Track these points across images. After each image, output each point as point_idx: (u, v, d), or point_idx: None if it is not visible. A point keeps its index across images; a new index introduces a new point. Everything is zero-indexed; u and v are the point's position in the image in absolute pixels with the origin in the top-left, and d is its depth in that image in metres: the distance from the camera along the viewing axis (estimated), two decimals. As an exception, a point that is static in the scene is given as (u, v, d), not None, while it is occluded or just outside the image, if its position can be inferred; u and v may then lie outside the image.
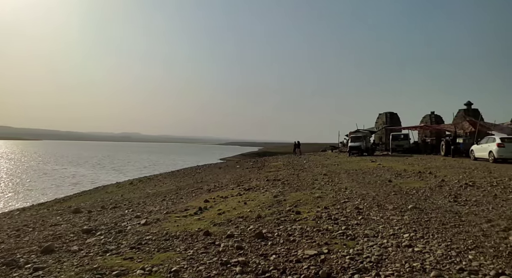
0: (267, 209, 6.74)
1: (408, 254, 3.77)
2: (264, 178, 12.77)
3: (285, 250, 4.08)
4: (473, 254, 3.71)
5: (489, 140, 17.87)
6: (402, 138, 29.87)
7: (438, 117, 33.63)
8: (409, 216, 5.63)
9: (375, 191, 8.42)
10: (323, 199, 7.61)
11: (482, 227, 4.83)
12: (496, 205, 6.40)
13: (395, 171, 13.04)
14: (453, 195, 7.52)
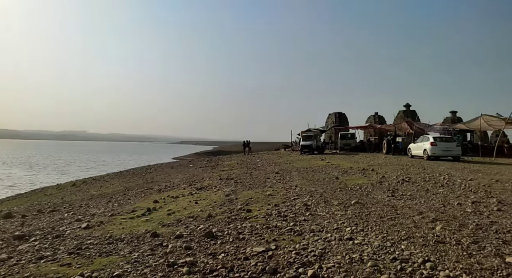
0: (218, 208, 6.73)
1: (349, 247, 4.01)
2: (217, 177, 12.73)
3: (234, 248, 4.11)
4: (405, 244, 4.05)
5: (423, 139, 19.60)
6: (349, 137, 31.64)
7: (381, 117, 36.18)
8: (352, 211, 5.98)
9: (323, 188, 8.81)
10: (274, 197, 7.79)
11: (414, 219, 5.29)
12: (427, 198, 7.04)
13: (342, 169, 13.75)
14: (391, 190, 8.13)
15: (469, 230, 4.57)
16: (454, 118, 32.76)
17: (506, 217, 5.26)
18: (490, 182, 9.24)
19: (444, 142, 18.20)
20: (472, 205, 6.22)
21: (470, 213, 5.59)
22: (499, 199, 6.72)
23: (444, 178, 10.24)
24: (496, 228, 4.67)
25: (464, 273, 3.11)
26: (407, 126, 27.74)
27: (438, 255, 3.63)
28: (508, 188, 8.20)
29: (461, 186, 8.67)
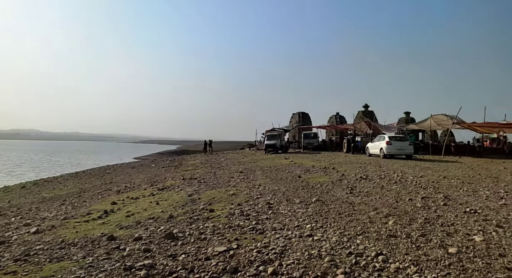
0: (180, 209, 6.61)
1: (308, 243, 4.13)
2: (180, 177, 12.49)
3: (195, 249, 4.06)
4: (360, 239, 4.25)
5: (380, 138, 20.64)
6: (312, 137, 32.48)
7: (342, 117, 37.58)
8: (312, 208, 6.16)
9: (286, 187, 8.97)
10: (237, 196, 7.80)
11: (370, 214, 5.56)
12: (382, 195, 7.43)
13: (305, 167, 14.09)
14: (350, 187, 8.48)
15: (418, 224, 4.89)
16: (408, 118, 34.87)
17: (451, 211, 5.71)
18: (438, 179, 9.95)
19: (398, 141, 19.28)
20: (421, 200, 6.66)
21: (420, 208, 5.99)
22: (445, 194, 7.27)
23: (397, 175, 10.86)
24: (441, 221, 5.04)
25: (412, 264, 3.33)
26: (366, 126, 29.08)
27: (390, 248, 3.85)
28: (453, 184, 8.89)
29: (413, 182, 9.25)
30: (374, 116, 32.74)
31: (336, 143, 31.74)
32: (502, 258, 3.45)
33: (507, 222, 4.96)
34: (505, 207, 6.01)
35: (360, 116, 33.60)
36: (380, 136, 21.18)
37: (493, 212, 5.62)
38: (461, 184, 8.82)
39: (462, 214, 5.51)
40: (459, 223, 4.90)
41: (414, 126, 27.10)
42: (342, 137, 32.12)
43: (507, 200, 6.66)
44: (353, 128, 30.46)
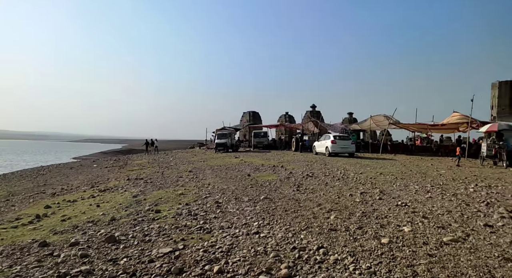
0: (123, 210, 6.30)
1: (255, 240, 4.21)
2: (125, 177, 11.90)
3: (138, 252, 3.91)
4: (304, 233, 4.44)
5: (326, 137, 21.70)
6: (262, 135, 33.00)
7: (291, 117, 38.73)
8: (260, 206, 6.27)
9: (235, 185, 9.01)
10: (186, 196, 7.65)
11: (314, 210, 5.83)
12: (326, 191, 7.83)
13: (254, 166, 14.29)
14: (297, 185, 8.79)
15: (356, 218, 5.25)
16: (351, 119, 37.10)
17: (385, 205, 6.21)
18: (375, 175, 10.75)
19: (342, 140, 20.43)
20: (360, 196, 7.15)
21: (359, 203, 6.42)
22: (381, 189, 7.89)
23: (340, 172, 11.52)
24: (376, 214, 5.47)
25: (349, 255, 3.57)
26: (313, 125, 30.34)
27: (330, 241, 4.08)
28: (388, 180, 9.67)
29: (354, 179, 9.88)
30: (320, 116, 34.27)
31: (285, 142, 32.64)
32: (425, 246, 3.85)
33: (431, 213, 5.54)
34: (430, 200, 6.70)
35: (308, 116, 34.97)
36: (326, 135, 22.26)
37: (420, 204, 6.24)
38: (395, 180, 9.63)
39: (395, 207, 6.03)
40: (392, 216, 5.36)
41: (356, 126, 28.95)
42: (291, 136, 33.12)
43: (433, 193, 7.43)
44: (301, 127, 31.58)
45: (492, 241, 4.02)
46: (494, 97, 36.74)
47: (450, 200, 6.61)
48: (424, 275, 3.04)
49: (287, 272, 3.15)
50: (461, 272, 3.09)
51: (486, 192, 7.53)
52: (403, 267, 3.24)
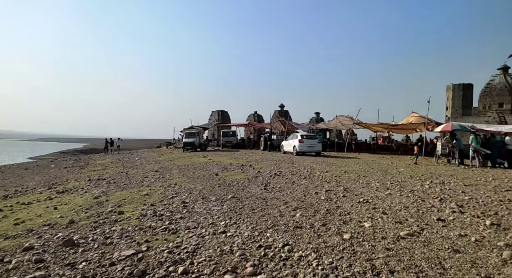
0: (83, 212, 6.02)
1: (221, 240, 4.20)
2: (86, 178, 11.36)
3: (98, 255, 3.75)
4: (270, 231, 4.50)
5: (293, 136, 22.08)
6: (231, 135, 32.91)
7: (260, 116, 38.99)
8: (227, 205, 6.27)
9: (203, 185, 8.92)
10: (151, 196, 7.46)
11: (280, 208, 5.92)
12: (293, 189, 7.97)
13: (223, 165, 14.23)
14: (264, 183, 8.88)
15: (321, 215, 5.40)
16: (318, 118, 38.04)
17: (348, 202, 6.45)
18: (340, 173, 11.11)
19: (309, 139, 20.89)
20: (325, 193, 7.36)
21: (323, 200, 6.61)
22: (345, 187, 8.17)
23: (307, 171, 11.78)
24: (340, 211, 5.66)
25: (313, 251, 3.67)
26: (281, 125, 30.73)
27: (295, 238, 4.17)
28: (352, 177, 10.03)
29: (319, 177, 10.15)
30: (288, 115, 34.82)
31: (254, 141, 32.81)
32: (384, 240, 4.05)
33: (390, 209, 5.83)
34: (390, 196, 7.04)
35: (276, 115, 35.39)
36: (294, 134, 22.65)
37: (380, 201, 6.54)
38: (358, 178, 10.02)
39: (357, 204, 6.28)
40: (354, 212, 5.58)
41: (323, 126, 29.73)
42: (260, 135, 33.34)
43: (392, 190, 7.81)
44: (269, 127, 31.89)
45: (444, 234, 4.32)
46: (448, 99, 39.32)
47: (408, 196, 6.99)
48: (382, 268, 3.20)
49: (252, 270, 3.18)
50: (415, 264, 3.29)
51: (440, 188, 8.05)
52: (363, 261, 3.38)
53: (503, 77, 30.99)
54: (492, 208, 5.91)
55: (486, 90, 31.86)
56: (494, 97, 30.93)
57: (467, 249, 3.76)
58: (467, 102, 37.76)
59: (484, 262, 3.35)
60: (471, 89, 37.82)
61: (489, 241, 4.06)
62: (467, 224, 4.83)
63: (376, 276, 3.03)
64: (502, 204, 6.25)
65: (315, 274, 3.08)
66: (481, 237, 4.22)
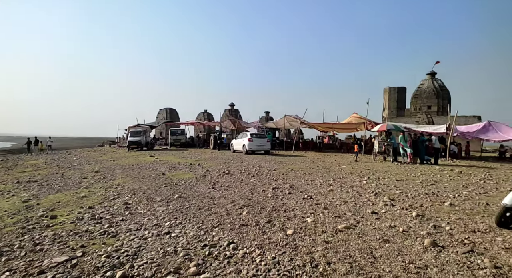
0: (9, 218, 5.43)
1: (165, 241, 4.09)
2: (14, 180, 10.26)
3: (25, 263, 3.43)
4: (216, 230, 4.49)
5: (243, 135, 22.26)
6: (179, 133, 32.12)
7: (210, 115, 38.62)
8: (173, 206, 6.12)
9: (148, 185, 8.59)
10: (89, 198, 6.99)
11: (227, 207, 5.94)
12: (241, 188, 8.04)
13: (170, 164, 13.84)
14: (213, 182, 8.83)
15: (267, 212, 5.53)
16: (267, 117, 38.78)
17: (293, 199, 6.68)
18: (287, 171, 11.47)
19: (258, 138, 21.23)
20: (272, 191, 7.55)
21: (270, 198, 6.77)
22: (291, 184, 8.45)
23: (256, 169, 11.96)
24: (285, 208, 5.85)
25: (257, 248, 3.75)
26: (231, 123, 30.76)
27: (241, 236, 4.22)
28: (298, 175, 10.42)
29: (267, 175, 10.37)
30: (238, 114, 34.93)
31: (203, 140, 32.41)
32: (323, 234, 4.28)
33: (331, 204, 6.17)
34: (331, 192, 7.45)
35: (226, 114, 35.33)
36: (243, 133, 22.84)
37: (323, 197, 6.89)
38: (304, 175, 10.43)
39: (301, 200, 6.54)
40: (298, 208, 5.80)
41: (272, 125, 30.38)
42: (210, 134, 33.02)
43: (334, 186, 8.27)
44: (219, 125, 31.74)
45: (376, 226, 4.69)
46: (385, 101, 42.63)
47: (347, 192, 7.46)
48: (320, 260, 3.38)
49: (195, 270, 3.15)
50: (349, 255, 3.53)
51: (375, 184, 8.71)
52: (303, 254, 3.54)
53: (431, 82, 34.43)
54: (418, 201, 6.56)
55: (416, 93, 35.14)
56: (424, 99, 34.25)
57: (396, 238, 4.13)
58: (401, 104, 41.40)
59: (408, 250, 3.71)
60: (404, 92, 41.52)
61: (414, 230, 4.50)
62: (396, 216, 5.30)
63: (314, 268, 3.20)
64: (427, 197, 6.97)
65: (258, 270, 3.15)
66: (407, 227, 4.66)
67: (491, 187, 8.54)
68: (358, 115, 23.55)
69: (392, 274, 3.05)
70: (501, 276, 3.03)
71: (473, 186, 8.55)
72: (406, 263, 3.30)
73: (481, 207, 6.05)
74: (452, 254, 3.59)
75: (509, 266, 3.28)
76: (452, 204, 6.29)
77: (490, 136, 18.39)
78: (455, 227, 4.67)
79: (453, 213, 5.54)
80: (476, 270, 3.17)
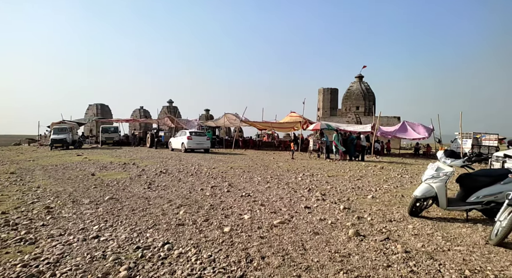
0: None
1: (93, 245, 3.82)
2: None
3: None
4: (150, 231, 4.34)
5: (182, 133, 21.75)
6: (112, 131, 30.11)
7: (147, 112, 36.87)
8: (104, 208, 5.74)
9: (74, 187, 7.92)
10: (3, 203, 6.20)
11: (163, 207, 5.77)
12: (178, 187, 7.86)
13: (101, 164, 12.93)
14: (149, 182, 8.48)
15: (204, 211, 5.50)
16: (207, 115, 38.38)
17: (231, 197, 6.75)
18: (226, 169, 11.52)
19: (198, 136, 20.94)
20: (211, 189, 7.53)
21: (208, 196, 6.75)
22: (229, 182, 8.52)
23: (195, 168, 11.79)
24: (223, 206, 5.89)
25: (193, 247, 3.72)
26: (169, 121, 29.79)
27: (177, 236, 4.14)
28: (237, 173, 10.53)
29: (206, 174, 10.30)
30: (177, 111, 33.96)
31: (139, 138, 30.84)
32: (259, 230, 4.42)
33: (268, 201, 6.37)
34: (269, 189, 7.69)
35: (164, 111, 34.11)
36: (182, 131, 22.31)
37: (260, 194, 7.08)
38: (243, 173, 10.59)
39: (239, 198, 6.64)
40: (236, 206, 5.88)
41: (212, 123, 30.17)
42: (146, 132, 31.52)
43: (271, 183, 8.55)
44: (157, 122, 30.51)
45: (308, 220, 4.99)
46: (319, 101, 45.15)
47: (283, 188, 7.78)
48: (255, 255, 3.49)
49: (126, 274, 3.01)
50: (283, 248, 3.70)
51: (309, 180, 9.22)
52: (239, 251, 3.62)
53: (359, 84, 37.45)
54: (346, 195, 7.12)
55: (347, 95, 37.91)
56: (353, 101, 37.13)
57: (324, 230, 4.45)
58: (334, 104, 44.31)
59: (335, 241, 4.03)
60: (336, 93, 44.50)
61: (341, 222, 4.89)
62: (326, 210, 5.70)
63: (249, 263, 3.29)
64: (353, 191, 7.60)
65: (193, 269, 3.14)
66: (335, 219, 5.04)
67: (407, 180, 9.64)
68: (295, 114, 24.60)
69: (319, 263, 3.28)
70: (410, 259, 3.46)
71: (392, 180, 9.56)
72: (332, 253, 3.58)
73: (398, 199, 6.80)
74: (371, 242, 3.99)
75: (417, 250, 3.76)
76: (374, 196, 6.97)
77: (406, 135, 20.70)
78: (375, 218, 5.19)
79: (374, 205, 6.14)
80: (390, 255, 3.57)
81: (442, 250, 3.76)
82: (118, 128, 31.02)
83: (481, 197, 4.77)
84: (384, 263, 3.31)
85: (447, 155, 5.17)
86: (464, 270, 3.20)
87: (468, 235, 4.38)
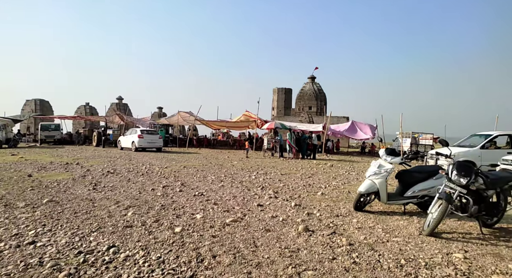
0: None
1: (28, 252, 3.51)
2: None
3: None
4: (94, 235, 4.09)
5: (132, 131, 20.81)
6: (53, 128, 27.88)
7: (93, 108, 34.66)
8: (41, 211, 5.29)
9: (7, 189, 7.19)
10: None
11: (110, 209, 5.47)
12: (127, 187, 7.51)
13: (40, 164, 11.90)
14: (94, 183, 7.98)
15: (155, 211, 5.32)
16: (160, 113, 37.15)
17: (184, 196, 6.61)
18: (179, 168, 11.26)
19: (149, 134, 20.18)
20: (162, 189, 7.30)
21: (160, 196, 6.54)
22: (182, 182, 8.34)
23: (146, 167, 11.35)
24: (175, 206, 5.75)
25: (141, 249, 3.59)
26: (119, 118, 28.31)
27: (124, 239, 3.96)
28: (190, 172, 10.34)
29: (158, 173, 9.97)
30: (128, 109, 32.39)
31: (84, 136, 28.89)
32: (211, 229, 4.39)
33: (221, 199, 6.35)
34: (222, 188, 7.67)
35: (113, 108, 32.34)
36: (133, 129, 21.35)
37: (214, 193, 7.03)
38: (196, 172, 10.43)
39: (192, 197, 6.53)
40: (188, 206, 5.78)
41: (165, 121, 29.25)
42: (92, 130, 29.62)
43: (225, 182, 8.53)
44: (105, 120, 28.83)
45: (260, 217, 5.07)
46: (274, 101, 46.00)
47: (237, 187, 7.80)
48: (206, 254, 3.46)
49: (66, 281, 2.82)
50: (234, 247, 3.72)
51: (263, 178, 9.36)
52: (190, 250, 3.56)
53: (311, 85, 38.82)
54: (297, 192, 7.35)
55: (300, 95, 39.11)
56: (306, 101, 38.40)
57: (276, 227, 4.55)
58: (288, 104, 45.43)
59: (286, 237, 4.14)
60: (291, 93, 45.68)
61: (291, 219, 5.04)
62: (278, 207, 5.83)
63: (200, 262, 3.25)
64: (304, 188, 7.87)
65: (141, 272, 3.02)
66: (287, 216, 5.18)
67: (353, 177, 10.22)
68: (249, 114, 24.78)
69: (270, 259, 3.35)
70: (353, 251, 3.67)
71: (340, 177, 10.06)
72: (282, 249, 3.68)
73: (344, 195, 7.18)
74: (319, 236, 4.17)
75: (360, 242, 4.00)
76: (323, 193, 7.28)
77: (355, 136, 21.92)
78: (323, 213, 5.43)
79: (323, 201, 6.42)
80: (335, 248, 3.76)
81: (381, 242, 4.05)
82: (60, 126, 28.73)
83: (416, 191, 5.22)
84: (330, 256, 3.48)
85: (388, 153, 5.58)
86: (400, 259, 3.48)
87: (405, 226, 4.77)
